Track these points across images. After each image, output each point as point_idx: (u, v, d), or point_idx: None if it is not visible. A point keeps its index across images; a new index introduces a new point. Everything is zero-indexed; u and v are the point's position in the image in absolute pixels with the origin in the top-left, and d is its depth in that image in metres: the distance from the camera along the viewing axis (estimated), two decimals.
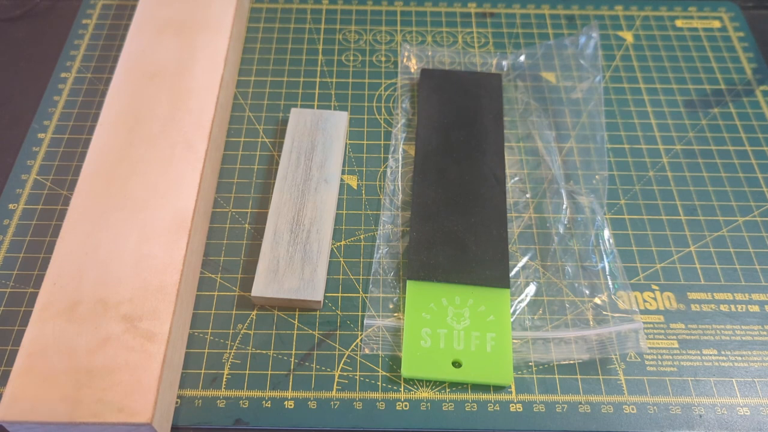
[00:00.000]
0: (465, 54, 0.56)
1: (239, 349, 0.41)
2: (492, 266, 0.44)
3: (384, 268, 0.45)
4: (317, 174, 0.47)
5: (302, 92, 0.54)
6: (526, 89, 0.54)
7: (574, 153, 0.50)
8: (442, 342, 0.41)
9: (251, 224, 0.47)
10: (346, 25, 0.59)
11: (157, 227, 0.41)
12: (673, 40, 0.58)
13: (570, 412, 0.40)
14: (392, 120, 0.52)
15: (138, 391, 0.36)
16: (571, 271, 0.45)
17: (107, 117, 0.46)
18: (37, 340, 0.37)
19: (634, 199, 0.48)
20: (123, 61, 0.49)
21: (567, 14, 0.60)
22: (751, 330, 0.43)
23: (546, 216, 0.47)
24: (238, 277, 0.44)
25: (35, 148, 0.50)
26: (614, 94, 0.54)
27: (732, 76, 0.56)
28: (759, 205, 0.48)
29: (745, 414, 0.40)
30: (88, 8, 0.59)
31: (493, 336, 0.41)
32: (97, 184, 0.43)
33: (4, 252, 0.45)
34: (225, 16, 0.52)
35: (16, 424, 0.35)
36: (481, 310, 0.42)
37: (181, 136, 0.45)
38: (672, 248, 0.46)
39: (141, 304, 0.39)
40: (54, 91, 0.53)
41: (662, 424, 0.39)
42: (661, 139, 0.52)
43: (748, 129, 0.52)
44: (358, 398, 0.40)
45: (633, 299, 0.43)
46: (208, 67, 0.49)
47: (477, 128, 0.50)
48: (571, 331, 0.42)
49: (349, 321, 0.43)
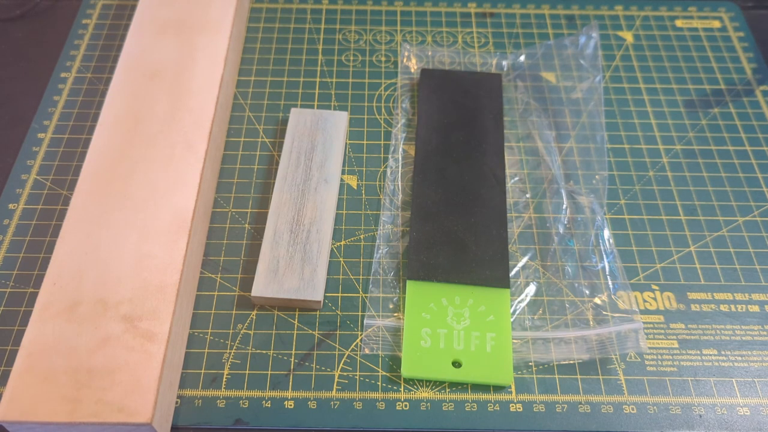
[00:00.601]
0: (465, 54, 0.56)
1: (239, 349, 0.41)
2: (492, 266, 0.44)
3: (384, 268, 0.45)
4: (317, 174, 0.47)
5: (302, 92, 0.54)
6: (526, 89, 0.54)
7: (574, 153, 0.50)
8: (442, 342, 0.41)
9: (251, 224, 0.47)
10: (346, 25, 0.59)
11: (157, 227, 0.41)
12: (673, 40, 0.58)
13: (570, 412, 0.40)
14: (392, 120, 0.52)
15: (138, 391, 0.36)
16: (571, 271, 0.45)
17: (107, 117, 0.46)
18: (37, 340, 0.37)
19: (634, 199, 0.48)
20: (123, 61, 0.49)
21: (567, 14, 0.60)
22: (751, 330, 0.43)
23: (546, 216, 0.47)
24: (238, 277, 0.44)
25: (35, 148, 0.50)
26: (614, 94, 0.54)
27: (732, 76, 0.56)
28: (759, 205, 0.48)
29: (745, 414, 0.40)
30: (88, 8, 0.59)
31: (493, 336, 0.41)
32: (97, 184, 0.43)
33: (4, 252, 0.45)
34: (225, 16, 0.52)
35: (16, 424, 0.35)
36: (481, 310, 0.42)
37: (181, 136, 0.45)
38: (672, 248, 0.46)
39: (141, 304, 0.39)
40: (54, 91, 0.53)
41: (662, 424, 0.39)
42: (661, 139, 0.52)
43: (748, 129, 0.52)
44: (358, 398, 0.40)
45: (633, 299, 0.43)
46: (208, 67, 0.49)
47: (477, 128, 0.50)
48: (571, 331, 0.42)
49: (349, 321, 0.43)
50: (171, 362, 0.38)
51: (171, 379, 0.38)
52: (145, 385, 0.36)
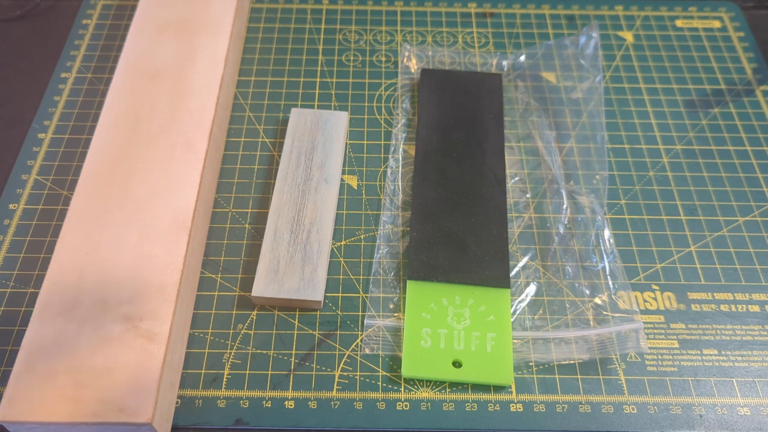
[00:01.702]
0: (465, 54, 0.56)
1: (239, 349, 0.41)
2: (492, 266, 0.44)
3: (384, 268, 0.45)
4: (317, 174, 0.47)
5: (302, 92, 0.54)
6: (526, 89, 0.54)
7: (575, 153, 0.50)
8: (442, 342, 0.41)
9: (251, 224, 0.47)
10: (346, 25, 0.59)
11: (158, 227, 0.41)
12: (673, 40, 0.58)
13: (570, 412, 0.40)
14: (392, 120, 0.52)
15: (138, 391, 0.36)
16: (571, 271, 0.45)
17: (107, 117, 0.46)
18: (38, 340, 0.37)
19: (634, 199, 0.48)
20: (123, 61, 0.49)
21: (567, 14, 0.60)
22: (752, 330, 0.43)
23: (546, 216, 0.47)
24: (239, 277, 0.44)
25: (35, 148, 0.50)
26: (614, 94, 0.54)
27: (732, 76, 0.56)
28: (759, 205, 0.48)
29: (745, 414, 0.40)
30: (88, 8, 0.59)
31: (493, 336, 0.41)
32: (97, 184, 0.43)
33: (5, 252, 0.45)
34: (225, 16, 0.52)
35: (16, 424, 0.35)
36: (482, 310, 0.42)
37: (182, 136, 0.45)
38: (672, 248, 0.46)
39: (141, 304, 0.39)
40: (54, 91, 0.53)
41: (662, 424, 0.39)
42: (661, 139, 0.52)
43: (748, 129, 0.52)
44: (359, 398, 0.40)
45: (633, 299, 0.43)
46: (208, 67, 0.49)
47: (477, 128, 0.50)
48: (571, 331, 0.42)
49: (349, 321, 0.43)
50: (171, 362, 0.38)
51: (171, 379, 0.38)
52: (146, 385, 0.36)
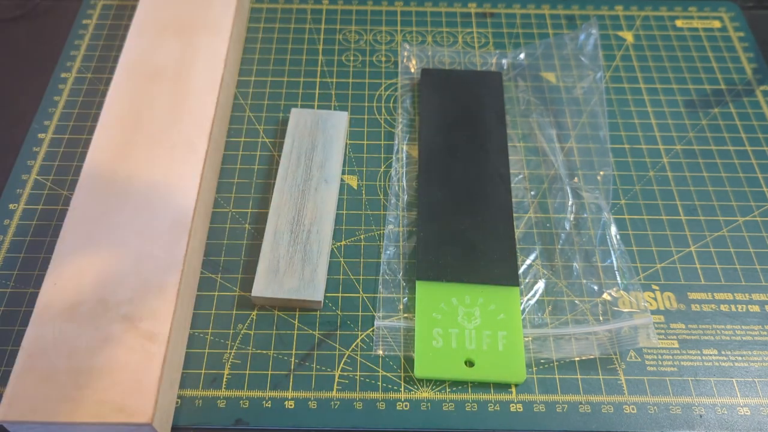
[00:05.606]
0: (465, 54, 0.56)
1: (239, 349, 0.41)
2: (500, 265, 0.44)
3: (391, 269, 0.45)
4: (317, 174, 0.47)
5: (302, 92, 0.54)
6: (526, 88, 0.54)
7: (575, 152, 0.50)
8: (453, 342, 0.41)
9: (251, 224, 0.47)
10: (346, 25, 0.59)
11: (157, 227, 0.41)
12: (673, 40, 0.58)
13: (570, 412, 0.40)
14: (392, 120, 0.52)
15: (138, 391, 0.36)
16: (579, 268, 0.45)
17: (107, 117, 0.46)
18: (38, 340, 0.37)
19: (635, 199, 0.48)
20: (123, 62, 0.49)
21: (567, 14, 0.60)
22: (752, 330, 0.43)
23: (551, 214, 0.47)
24: (238, 277, 0.44)
25: (35, 148, 0.50)
26: (614, 94, 0.54)
27: (732, 76, 0.56)
28: (759, 205, 0.48)
29: (745, 414, 0.40)
30: (88, 8, 0.59)
31: (504, 334, 0.41)
32: (97, 184, 0.43)
33: (5, 252, 0.45)
34: (225, 16, 0.52)
35: (17, 424, 0.35)
36: (492, 309, 0.42)
37: (182, 136, 0.45)
38: (672, 248, 0.46)
39: (141, 304, 0.39)
40: (54, 91, 0.53)
41: (662, 424, 0.39)
42: (661, 139, 0.52)
43: (748, 129, 0.52)
44: (359, 398, 0.40)
45: (641, 295, 0.43)
46: (208, 68, 0.49)
47: (479, 127, 0.50)
48: (580, 327, 0.42)
49: (350, 321, 0.43)
50: (171, 362, 0.38)
51: (171, 380, 0.38)
52: (146, 385, 0.36)
